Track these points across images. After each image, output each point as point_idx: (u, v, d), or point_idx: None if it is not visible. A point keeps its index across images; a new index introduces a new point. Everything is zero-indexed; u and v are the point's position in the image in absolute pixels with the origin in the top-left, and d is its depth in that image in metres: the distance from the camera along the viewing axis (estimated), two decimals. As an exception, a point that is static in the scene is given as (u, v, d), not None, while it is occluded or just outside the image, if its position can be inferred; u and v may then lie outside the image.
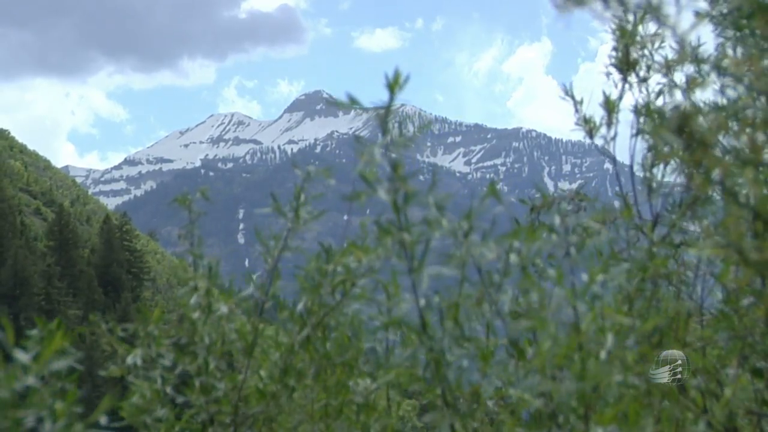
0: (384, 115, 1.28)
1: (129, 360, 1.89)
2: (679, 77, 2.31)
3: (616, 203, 2.42)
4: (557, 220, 1.26)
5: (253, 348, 1.93)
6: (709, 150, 0.92)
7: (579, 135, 2.52)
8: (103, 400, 1.53)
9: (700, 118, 0.93)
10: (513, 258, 1.27)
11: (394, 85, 1.30)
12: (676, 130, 0.92)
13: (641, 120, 2.28)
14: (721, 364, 1.92)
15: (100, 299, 58.16)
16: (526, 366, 1.22)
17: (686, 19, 1.29)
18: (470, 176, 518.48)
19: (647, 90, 2.31)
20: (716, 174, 0.92)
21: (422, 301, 1.33)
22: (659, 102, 2.31)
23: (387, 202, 1.29)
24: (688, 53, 1.07)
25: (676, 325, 1.66)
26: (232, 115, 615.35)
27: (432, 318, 1.34)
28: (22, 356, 1.10)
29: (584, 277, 1.25)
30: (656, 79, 2.32)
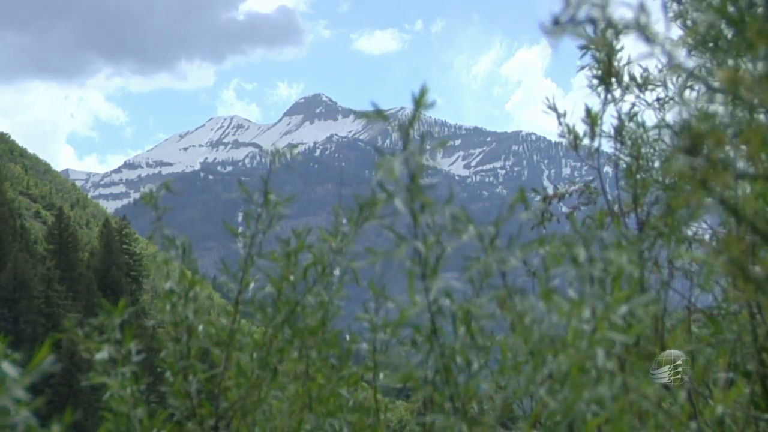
0: (407, 128, 1.30)
1: (98, 357, 1.88)
2: (651, 96, 2.35)
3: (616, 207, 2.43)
4: (581, 252, 1.25)
5: (232, 338, 1.94)
6: (717, 167, 0.92)
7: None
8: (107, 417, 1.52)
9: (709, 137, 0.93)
10: (536, 264, 1.27)
11: (420, 99, 1.31)
12: (688, 151, 0.93)
13: (620, 143, 2.31)
14: (710, 368, 1.92)
15: (99, 303, 57.99)
16: (541, 374, 1.22)
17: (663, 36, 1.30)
18: (469, 179, 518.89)
19: (620, 111, 2.34)
20: (717, 189, 0.92)
21: (434, 306, 1.33)
22: (634, 121, 2.34)
23: (403, 211, 1.30)
24: (680, 67, 1.08)
25: (659, 331, 1.66)
26: (232, 119, 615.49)
27: (443, 322, 1.34)
28: (8, 369, 1.10)
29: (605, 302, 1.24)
30: (631, 99, 2.36)
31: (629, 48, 2.50)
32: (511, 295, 1.32)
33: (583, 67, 2.34)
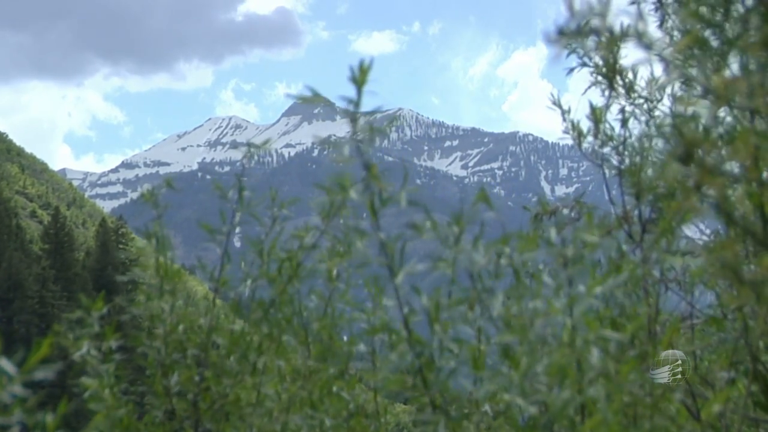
0: (353, 111, 1.24)
1: (77, 355, 1.85)
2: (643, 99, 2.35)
3: (613, 211, 2.43)
4: (554, 233, 1.24)
5: (209, 337, 1.92)
6: (711, 173, 0.91)
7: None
8: (95, 417, 1.51)
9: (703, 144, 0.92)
10: (504, 262, 1.25)
11: (361, 78, 1.24)
12: (683, 159, 0.92)
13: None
14: (712, 367, 1.92)
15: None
16: (519, 374, 1.21)
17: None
18: (467, 180, 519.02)
19: (624, 110, 2.34)
20: (711, 193, 0.92)
21: (405, 308, 1.30)
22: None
23: (361, 203, 1.26)
24: (676, 75, 1.08)
25: (653, 332, 1.66)
26: (230, 119, 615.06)
27: (418, 321, 1.32)
28: (6, 365, 1.09)
29: (581, 288, 1.24)
30: (627, 99, 2.36)
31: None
32: (481, 296, 1.30)
33: (572, 69, 2.34)
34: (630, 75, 2.33)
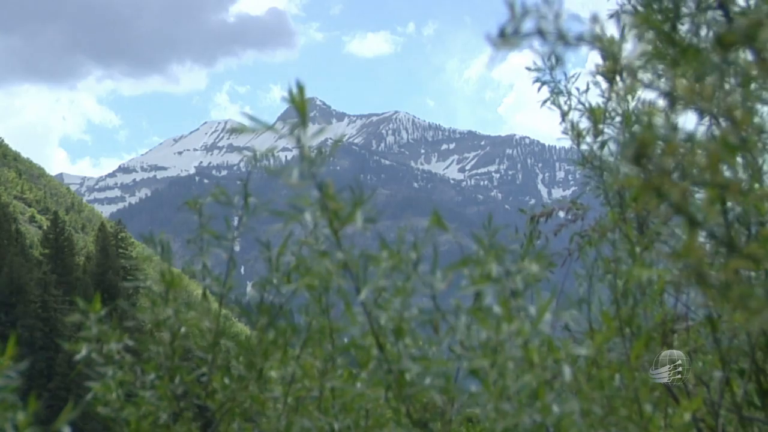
0: (298, 133, 1.21)
1: (77, 357, 1.86)
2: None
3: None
4: (494, 268, 1.22)
5: (217, 341, 1.93)
6: (666, 175, 0.92)
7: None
8: (65, 409, 1.53)
9: (657, 145, 0.92)
10: (464, 285, 1.24)
11: (301, 103, 1.21)
12: (633, 159, 0.92)
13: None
14: (707, 368, 1.93)
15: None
16: (490, 394, 1.22)
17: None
18: (464, 183, 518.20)
19: (624, 109, 2.35)
20: (674, 197, 0.92)
21: (375, 324, 1.29)
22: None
23: (318, 225, 1.24)
24: (639, 82, 1.07)
25: (660, 333, 1.67)
26: (226, 122, 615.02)
27: (388, 337, 1.31)
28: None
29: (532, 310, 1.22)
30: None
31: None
32: (445, 317, 1.30)
33: (545, 101, 2.35)
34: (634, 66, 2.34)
